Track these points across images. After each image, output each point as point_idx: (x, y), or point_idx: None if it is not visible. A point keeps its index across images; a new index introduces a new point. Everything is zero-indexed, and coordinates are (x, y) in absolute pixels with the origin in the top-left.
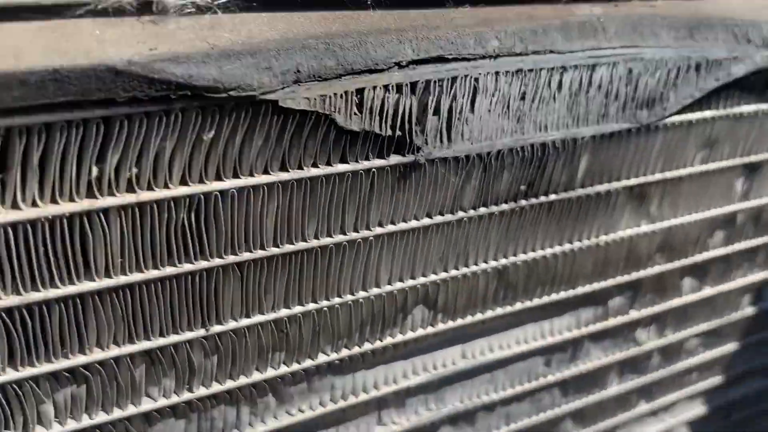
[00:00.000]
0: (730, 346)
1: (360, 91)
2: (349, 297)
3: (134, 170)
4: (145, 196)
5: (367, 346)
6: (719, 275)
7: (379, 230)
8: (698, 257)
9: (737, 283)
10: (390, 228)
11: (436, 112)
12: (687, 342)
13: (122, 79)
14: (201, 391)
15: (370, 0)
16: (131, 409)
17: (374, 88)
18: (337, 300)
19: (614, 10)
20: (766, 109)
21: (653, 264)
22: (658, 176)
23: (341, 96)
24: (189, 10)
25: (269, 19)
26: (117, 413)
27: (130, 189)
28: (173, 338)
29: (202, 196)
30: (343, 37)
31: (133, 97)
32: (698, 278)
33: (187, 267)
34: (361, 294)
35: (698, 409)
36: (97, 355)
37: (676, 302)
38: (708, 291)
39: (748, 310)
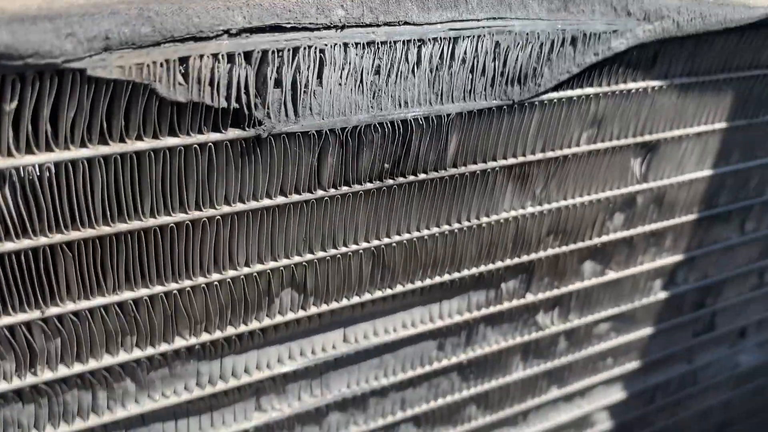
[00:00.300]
0: (645, 331)
1: (184, 60)
2: (201, 279)
3: None
4: None
5: (231, 331)
6: (623, 259)
7: (226, 208)
8: (597, 240)
9: (645, 267)
10: (239, 206)
11: (278, 84)
12: (596, 327)
13: None
14: (47, 375)
15: None
16: None
17: (201, 56)
18: (188, 282)
19: None
20: (657, 86)
21: (546, 247)
22: (539, 156)
23: (161, 64)
24: None
25: None
26: None
27: None
28: (6, 320)
29: (14, 171)
30: (160, 2)
31: None
32: (600, 262)
33: (9, 246)
34: (216, 276)
35: (617, 395)
36: None
37: (577, 286)
38: (612, 275)
39: (661, 295)
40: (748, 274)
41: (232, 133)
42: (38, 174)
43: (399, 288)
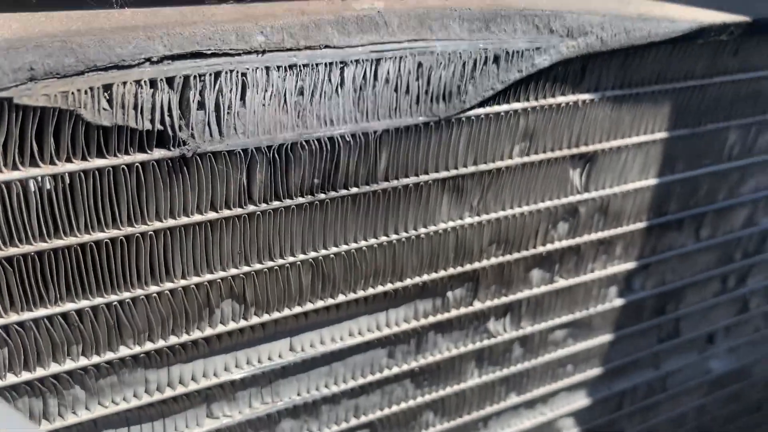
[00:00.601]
0: (605, 338)
1: (108, 87)
2: (140, 291)
3: None
4: None
5: (174, 340)
6: (572, 267)
7: (158, 224)
8: (542, 249)
9: (596, 274)
10: (171, 222)
11: (201, 106)
12: (551, 334)
13: None
14: None
15: (117, 1)
16: None
17: (123, 83)
18: (127, 294)
19: (398, 4)
20: (588, 99)
21: (489, 256)
22: (472, 169)
23: (86, 92)
24: None
25: (4, 19)
26: None
27: None
28: None
29: None
30: (82, 35)
31: None
32: (548, 270)
33: None
34: (154, 288)
35: (581, 401)
36: None
37: (526, 294)
38: (562, 282)
39: (617, 302)
40: (709, 281)
41: (158, 153)
42: None
43: (341, 298)
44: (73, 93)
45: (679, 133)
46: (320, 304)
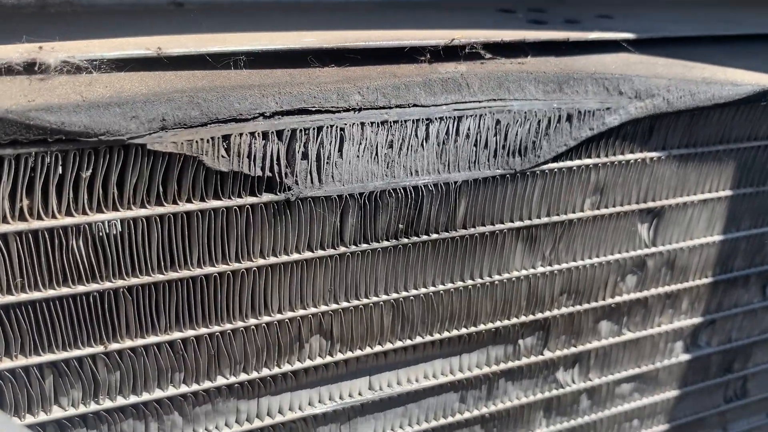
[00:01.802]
0: (671, 393)
1: (227, 137)
2: (240, 323)
3: (25, 201)
4: (36, 224)
5: (266, 372)
6: (640, 320)
7: (261, 261)
8: (610, 300)
9: (663, 328)
10: (272, 260)
11: (305, 156)
12: (618, 387)
13: (2, 125)
14: (107, 404)
15: (240, 62)
16: (42, 417)
17: (240, 134)
18: (228, 326)
19: (479, 68)
20: (655, 156)
21: (560, 306)
22: (545, 220)
23: (208, 141)
24: (68, 69)
25: (141, 77)
26: (29, 419)
27: (22, 218)
28: (76, 353)
29: (86, 226)
30: (206, 91)
31: (14, 140)
32: (616, 322)
33: (80, 289)
34: (253, 321)
35: None
36: (5, 364)
37: (595, 345)
38: (630, 335)
39: (683, 357)
40: None
41: (266, 197)
42: (106, 230)
43: (419, 339)
44: (196, 141)
45: (744, 192)
46: (399, 344)
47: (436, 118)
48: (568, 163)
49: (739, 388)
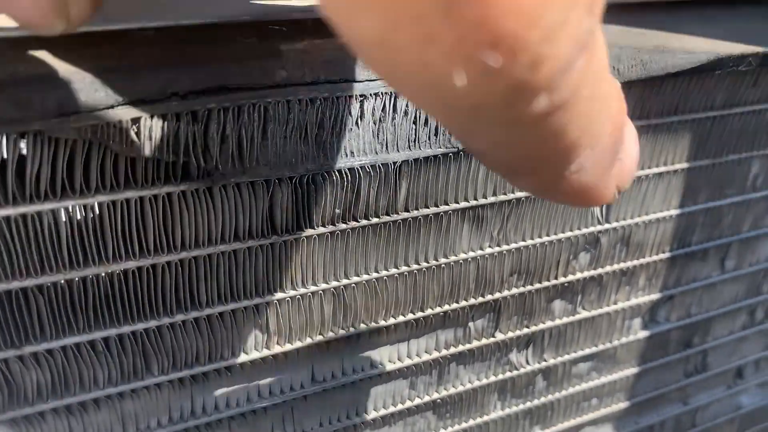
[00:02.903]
0: (630, 371)
1: (136, 120)
2: (166, 319)
3: None
4: None
5: (198, 369)
6: (595, 298)
7: (184, 254)
8: (563, 279)
9: (619, 306)
10: (196, 251)
11: (225, 139)
12: (574, 366)
13: None
14: (25, 410)
15: (150, 38)
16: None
17: (151, 117)
18: (153, 322)
19: None
20: None
21: (510, 286)
22: (491, 199)
23: (115, 125)
24: None
25: (38, 57)
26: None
27: None
28: None
29: None
30: (112, 71)
31: None
32: (570, 301)
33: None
34: (180, 317)
35: None
36: None
37: (548, 325)
38: (585, 314)
39: (642, 334)
40: (737, 313)
41: (184, 184)
42: (6, 225)
43: (363, 327)
44: (102, 126)
45: (701, 164)
46: (342, 333)
47: (370, 94)
48: None
49: (700, 362)
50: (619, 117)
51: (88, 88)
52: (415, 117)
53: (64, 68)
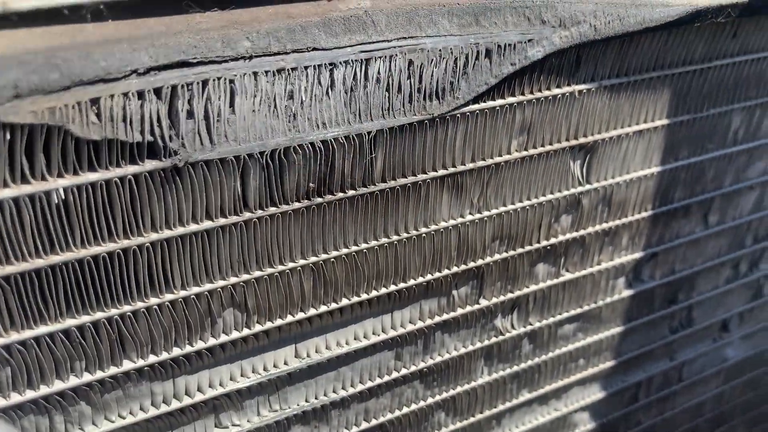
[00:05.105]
0: (615, 330)
1: (95, 101)
2: (140, 304)
3: None
4: None
5: (177, 351)
6: (578, 260)
7: (154, 236)
8: (546, 243)
9: (603, 266)
10: (167, 233)
11: (190, 115)
12: (560, 328)
13: None
14: (0, 402)
15: (103, 13)
16: None
17: (111, 96)
18: (127, 307)
19: (385, 2)
20: (584, 89)
21: (492, 252)
22: (470, 165)
23: (73, 107)
24: None
25: None
26: None
27: None
28: None
29: None
30: (66, 50)
31: None
32: (553, 264)
33: None
34: (154, 300)
35: (595, 395)
36: None
37: (532, 289)
38: (568, 276)
39: (626, 293)
40: (721, 267)
41: (150, 164)
42: None
43: (345, 302)
44: (60, 108)
45: (681, 119)
46: (323, 309)
47: (340, 63)
48: (491, 104)
49: (685, 317)
50: None
51: (42, 69)
52: (388, 84)
53: (14, 49)
